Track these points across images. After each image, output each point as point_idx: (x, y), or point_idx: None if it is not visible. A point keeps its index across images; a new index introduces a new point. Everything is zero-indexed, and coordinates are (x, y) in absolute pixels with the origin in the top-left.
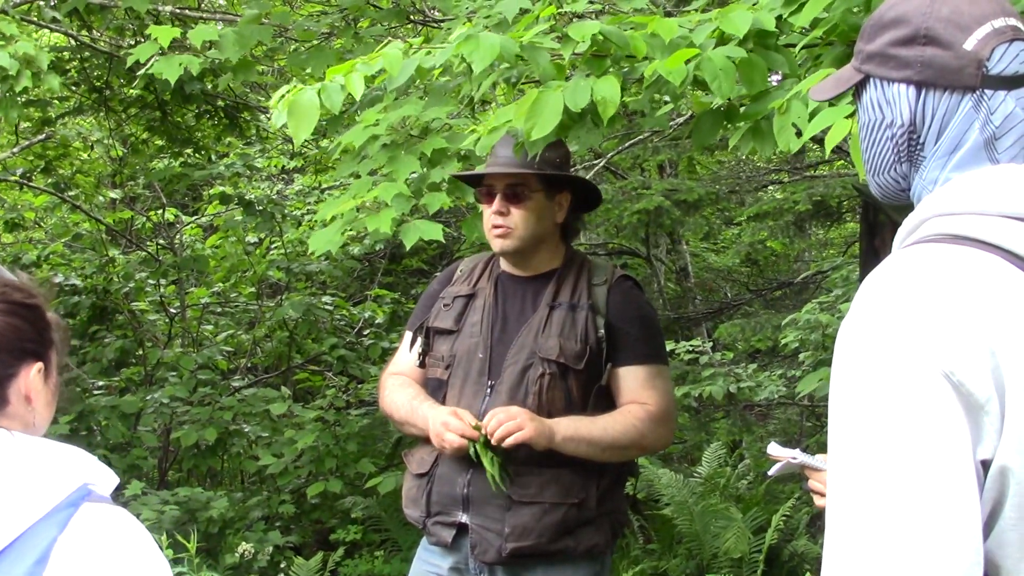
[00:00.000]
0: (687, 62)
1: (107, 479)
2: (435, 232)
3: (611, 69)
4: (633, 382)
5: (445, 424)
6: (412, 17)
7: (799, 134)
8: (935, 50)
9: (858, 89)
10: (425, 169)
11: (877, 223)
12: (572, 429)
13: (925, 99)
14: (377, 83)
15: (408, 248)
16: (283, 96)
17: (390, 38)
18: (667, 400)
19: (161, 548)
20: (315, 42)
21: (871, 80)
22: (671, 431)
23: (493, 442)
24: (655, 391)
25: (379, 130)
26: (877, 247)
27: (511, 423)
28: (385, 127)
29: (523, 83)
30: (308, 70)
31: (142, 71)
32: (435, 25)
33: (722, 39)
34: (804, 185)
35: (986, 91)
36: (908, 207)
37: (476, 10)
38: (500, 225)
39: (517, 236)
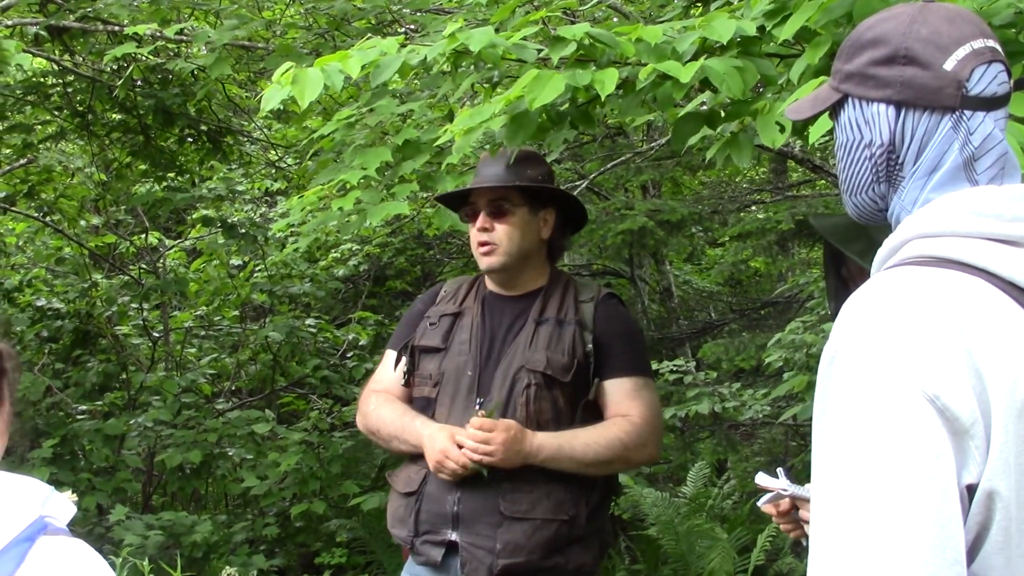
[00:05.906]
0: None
1: (64, 510)
2: (401, 208)
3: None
4: (619, 393)
5: (444, 452)
6: (387, 32)
7: (783, 130)
8: (915, 70)
9: (836, 109)
10: (395, 160)
11: (841, 252)
12: (555, 447)
13: (905, 119)
14: (369, 70)
15: (375, 223)
16: (285, 71)
17: (371, 35)
18: (652, 411)
19: None
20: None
21: (850, 100)
22: (657, 444)
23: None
24: (640, 402)
25: (354, 119)
26: (845, 277)
27: (484, 448)
28: (359, 123)
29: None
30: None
31: (127, 76)
32: (412, 38)
33: (704, 46)
34: (786, 205)
35: (965, 112)
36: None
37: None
38: (485, 242)
39: (503, 252)
